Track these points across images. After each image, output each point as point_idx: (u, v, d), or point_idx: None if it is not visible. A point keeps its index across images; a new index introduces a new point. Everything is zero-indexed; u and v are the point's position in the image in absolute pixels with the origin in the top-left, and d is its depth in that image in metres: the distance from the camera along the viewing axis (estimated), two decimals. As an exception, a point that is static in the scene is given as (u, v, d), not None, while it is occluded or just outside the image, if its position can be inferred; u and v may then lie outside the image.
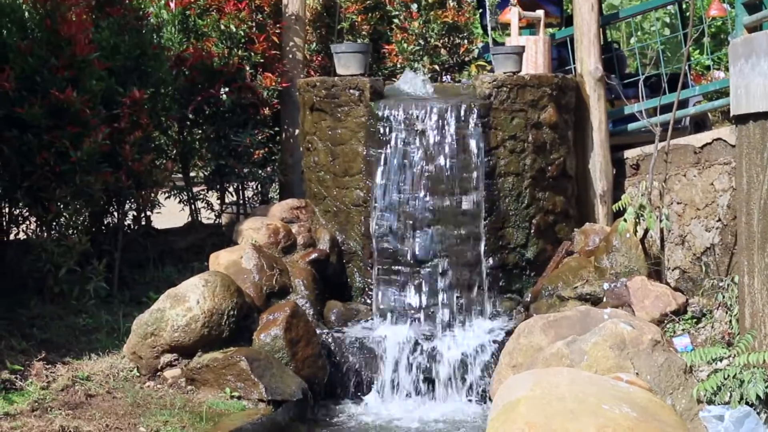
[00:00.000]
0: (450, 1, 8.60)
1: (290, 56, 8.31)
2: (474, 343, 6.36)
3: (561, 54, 9.29)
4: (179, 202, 8.32)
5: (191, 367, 5.73)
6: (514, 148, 6.94)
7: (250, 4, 8.10)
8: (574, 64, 8.05)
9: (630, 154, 7.70)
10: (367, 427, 5.94)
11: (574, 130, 7.48)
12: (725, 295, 5.82)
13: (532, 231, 7.02)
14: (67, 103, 6.28)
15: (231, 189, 8.47)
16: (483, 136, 6.80)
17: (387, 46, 8.77)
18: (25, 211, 6.89)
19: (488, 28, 9.64)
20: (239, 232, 7.11)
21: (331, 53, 7.60)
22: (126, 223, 7.40)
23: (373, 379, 6.31)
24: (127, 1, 7.28)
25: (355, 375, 6.31)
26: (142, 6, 7.50)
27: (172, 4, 7.90)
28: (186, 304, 5.79)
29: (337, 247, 7.10)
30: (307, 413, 5.88)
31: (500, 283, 6.91)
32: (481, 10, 9.80)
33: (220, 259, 6.69)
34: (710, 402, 4.92)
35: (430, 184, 6.76)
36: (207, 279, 5.93)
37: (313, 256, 6.92)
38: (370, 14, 8.97)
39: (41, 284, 6.55)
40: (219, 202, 8.48)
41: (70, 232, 6.58)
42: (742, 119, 5.11)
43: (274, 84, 7.96)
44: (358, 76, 7.11)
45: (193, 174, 8.55)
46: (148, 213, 7.71)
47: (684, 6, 10.19)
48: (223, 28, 7.96)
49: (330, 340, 6.35)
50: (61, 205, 6.49)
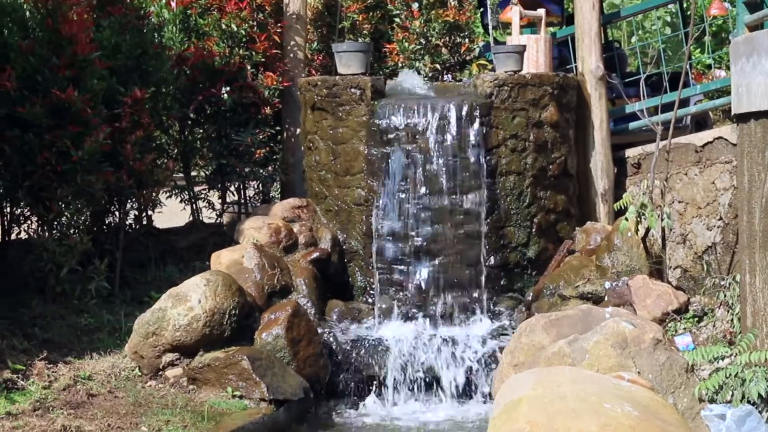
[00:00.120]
0: (451, 0, 8.59)
1: (291, 55, 8.31)
2: (475, 342, 6.36)
3: (562, 53, 9.28)
4: (180, 202, 8.32)
5: (193, 366, 5.73)
6: (516, 147, 6.94)
7: (252, 4, 8.09)
8: (575, 63, 8.04)
9: (631, 153, 7.69)
10: (369, 427, 5.93)
11: (576, 129, 7.47)
12: (727, 294, 5.81)
13: (534, 230, 7.02)
14: (69, 103, 6.28)
15: (232, 188, 8.46)
16: (484, 135, 6.80)
17: (388, 45, 8.77)
18: (26, 210, 6.89)
19: (489, 27, 9.64)
20: (240, 232, 7.11)
21: (332, 52, 7.59)
22: (127, 223, 7.40)
23: (375, 379, 6.30)
24: (129, 1, 7.28)
25: (356, 374, 6.29)
26: (144, 5, 7.49)
27: (173, 4, 7.90)
28: (187, 303, 5.79)
29: (339, 247, 7.10)
30: (309, 413, 5.89)
31: (502, 282, 6.91)
32: (482, 9, 9.81)
33: (222, 259, 6.69)
34: (712, 401, 4.91)
35: (431, 183, 6.76)
36: (208, 278, 5.93)
37: (315, 255, 6.91)
38: (371, 13, 8.98)
39: (43, 284, 6.55)
40: (220, 201, 8.48)
41: (72, 231, 6.58)
42: (743, 118, 5.11)
43: (275, 83, 7.96)
44: (359, 75, 7.11)
45: (194, 173, 8.54)
46: (150, 212, 7.70)
47: (685, 5, 10.18)
48: (224, 27, 7.95)
49: (331, 339, 6.34)
50: (63, 205, 6.49)
